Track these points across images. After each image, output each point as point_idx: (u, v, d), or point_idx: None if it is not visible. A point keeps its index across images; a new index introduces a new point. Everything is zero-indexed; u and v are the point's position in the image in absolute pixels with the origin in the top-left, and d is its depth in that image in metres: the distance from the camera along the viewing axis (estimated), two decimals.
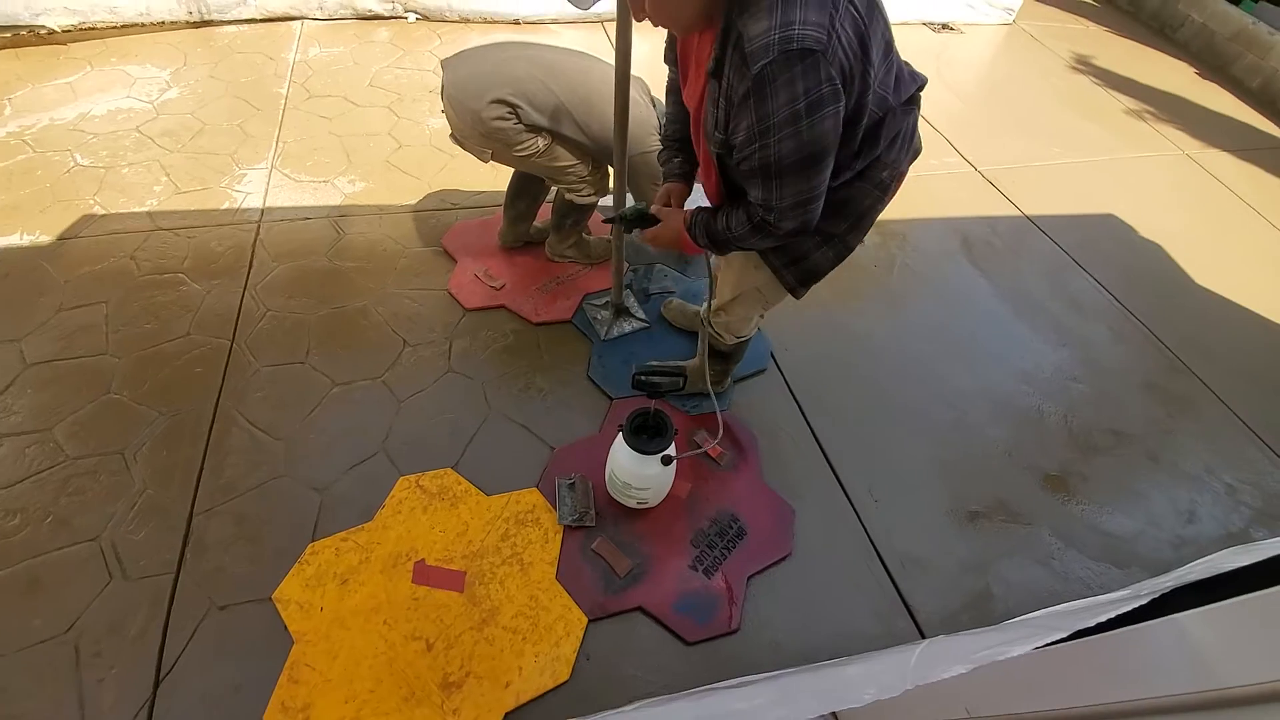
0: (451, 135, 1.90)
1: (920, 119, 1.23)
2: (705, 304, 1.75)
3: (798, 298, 1.46)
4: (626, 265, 2.27)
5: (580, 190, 1.96)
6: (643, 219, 1.43)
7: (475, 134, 1.78)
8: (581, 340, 2.09)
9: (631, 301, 2.18)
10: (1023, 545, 1.78)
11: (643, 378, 1.47)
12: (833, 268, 1.37)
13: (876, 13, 1.00)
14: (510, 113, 1.74)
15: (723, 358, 1.80)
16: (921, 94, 1.23)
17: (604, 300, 2.17)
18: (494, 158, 1.86)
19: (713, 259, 1.65)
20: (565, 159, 1.86)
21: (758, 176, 1.02)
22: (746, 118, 0.95)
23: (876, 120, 1.11)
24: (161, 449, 1.70)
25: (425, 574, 1.52)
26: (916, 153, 1.28)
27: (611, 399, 1.93)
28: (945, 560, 1.72)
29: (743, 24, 0.90)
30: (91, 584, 1.45)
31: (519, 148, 1.79)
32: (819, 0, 0.87)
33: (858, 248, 1.38)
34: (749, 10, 0.89)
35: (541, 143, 1.81)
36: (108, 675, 1.33)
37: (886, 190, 1.25)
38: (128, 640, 1.38)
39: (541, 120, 1.77)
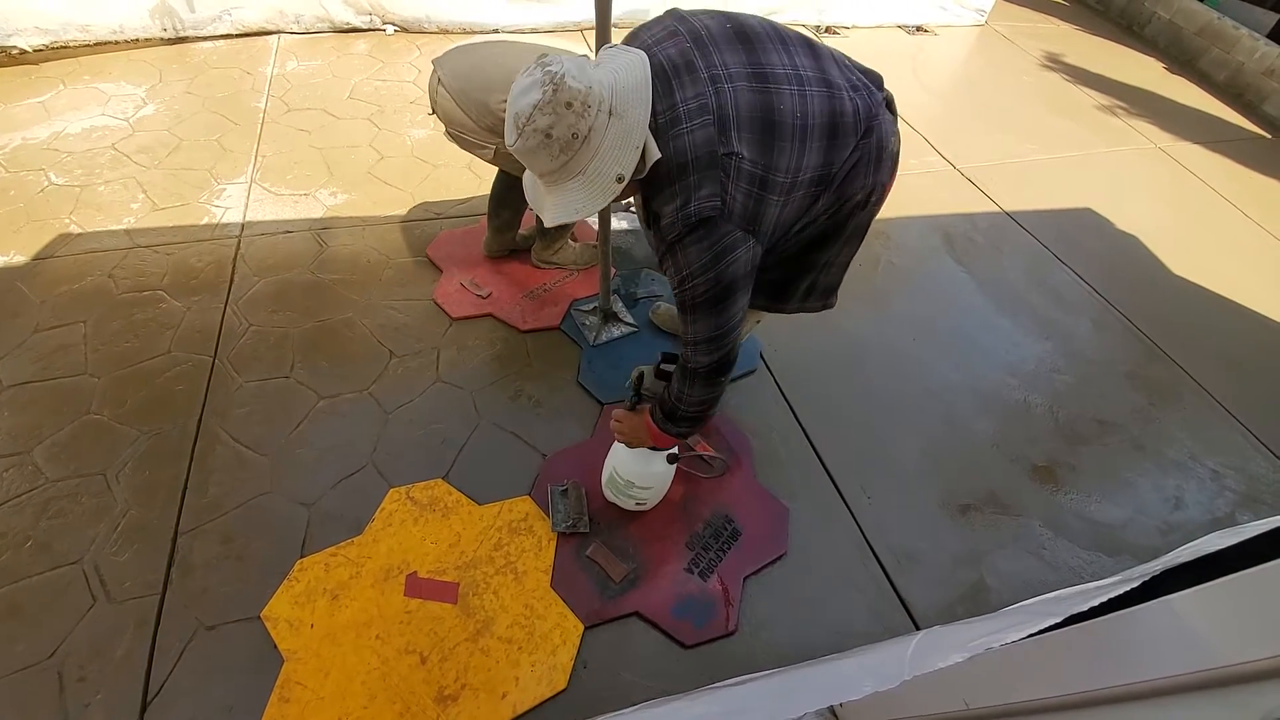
0: (448, 133, 1.83)
1: (897, 123, 1.23)
2: None
3: (787, 311, 1.53)
4: (614, 270, 2.27)
5: None
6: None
7: (480, 128, 1.73)
8: (570, 346, 2.09)
9: (619, 306, 2.18)
10: (1014, 536, 1.79)
11: (641, 389, 1.46)
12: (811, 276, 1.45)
13: (780, 141, 1.05)
14: None
15: None
16: (888, 93, 1.22)
17: (592, 306, 2.17)
18: (496, 154, 1.80)
19: None
20: None
21: (681, 312, 1.16)
22: (667, 265, 1.11)
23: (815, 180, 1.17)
24: (144, 468, 1.66)
25: (418, 586, 1.50)
26: (893, 161, 1.25)
27: (602, 404, 1.92)
28: (939, 554, 1.72)
29: (656, 205, 1.07)
30: (75, 607, 1.42)
31: None
32: (711, 176, 1.00)
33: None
34: (659, 194, 1.05)
35: None
36: (94, 700, 1.30)
37: (863, 207, 1.26)
38: (113, 664, 1.35)
39: None
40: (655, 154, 1.00)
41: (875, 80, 1.21)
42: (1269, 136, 4.02)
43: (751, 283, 1.13)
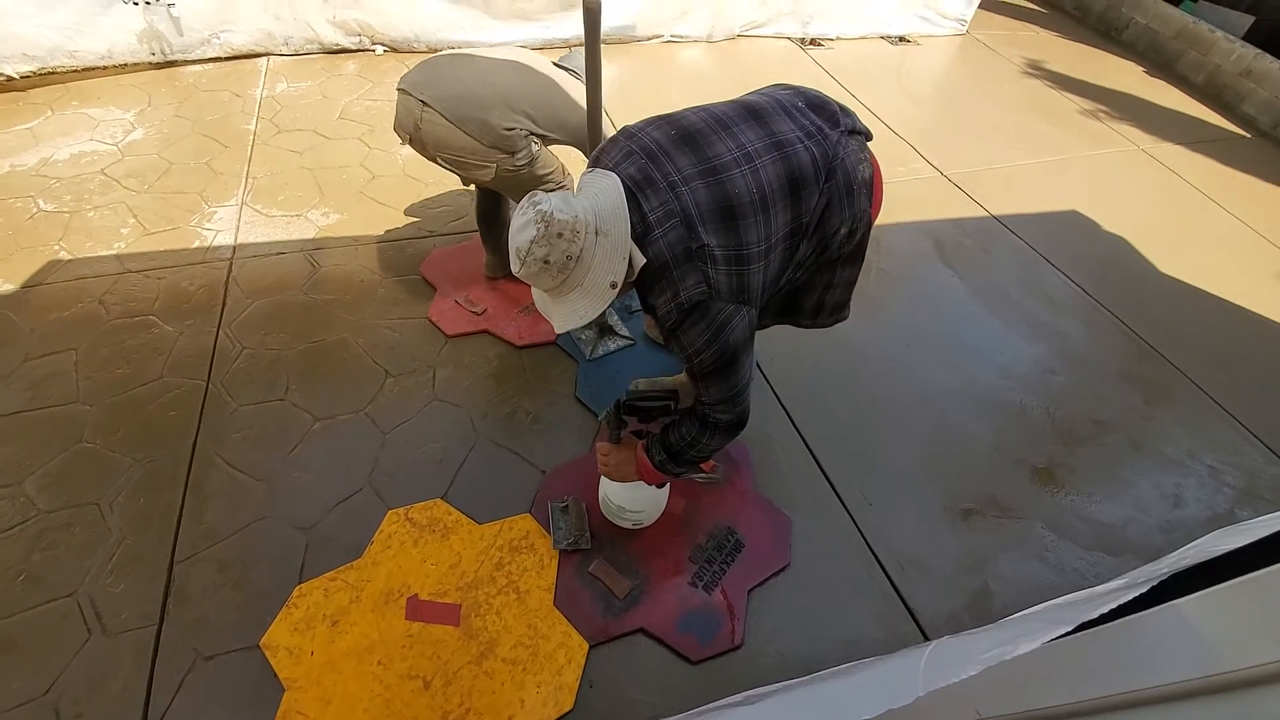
0: (440, 159, 1.81)
1: (883, 130, 1.27)
2: None
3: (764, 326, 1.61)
4: None
5: None
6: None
7: (483, 147, 1.73)
8: (567, 361, 2.08)
9: (615, 319, 2.18)
10: (1017, 540, 1.79)
11: (631, 404, 1.46)
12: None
13: (744, 221, 1.14)
14: (516, 119, 1.74)
15: None
16: (850, 121, 1.28)
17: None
18: (497, 172, 1.79)
19: None
20: (550, 164, 1.88)
21: (693, 378, 1.25)
22: (674, 346, 1.21)
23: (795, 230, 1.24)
24: (138, 497, 1.64)
25: (419, 609, 1.48)
26: (867, 190, 1.28)
27: (600, 419, 1.91)
28: (943, 560, 1.72)
29: (651, 299, 1.17)
30: (70, 641, 1.39)
31: (519, 155, 1.78)
32: (692, 268, 1.11)
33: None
34: (651, 290, 1.16)
35: (535, 148, 1.81)
36: None
37: (849, 240, 1.33)
38: (111, 698, 1.32)
39: (537, 126, 1.79)
40: (641, 259, 1.11)
41: (831, 116, 1.26)
42: (1248, 136, 4.09)
43: (753, 342, 1.23)
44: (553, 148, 1.92)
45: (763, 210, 1.16)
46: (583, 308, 1.13)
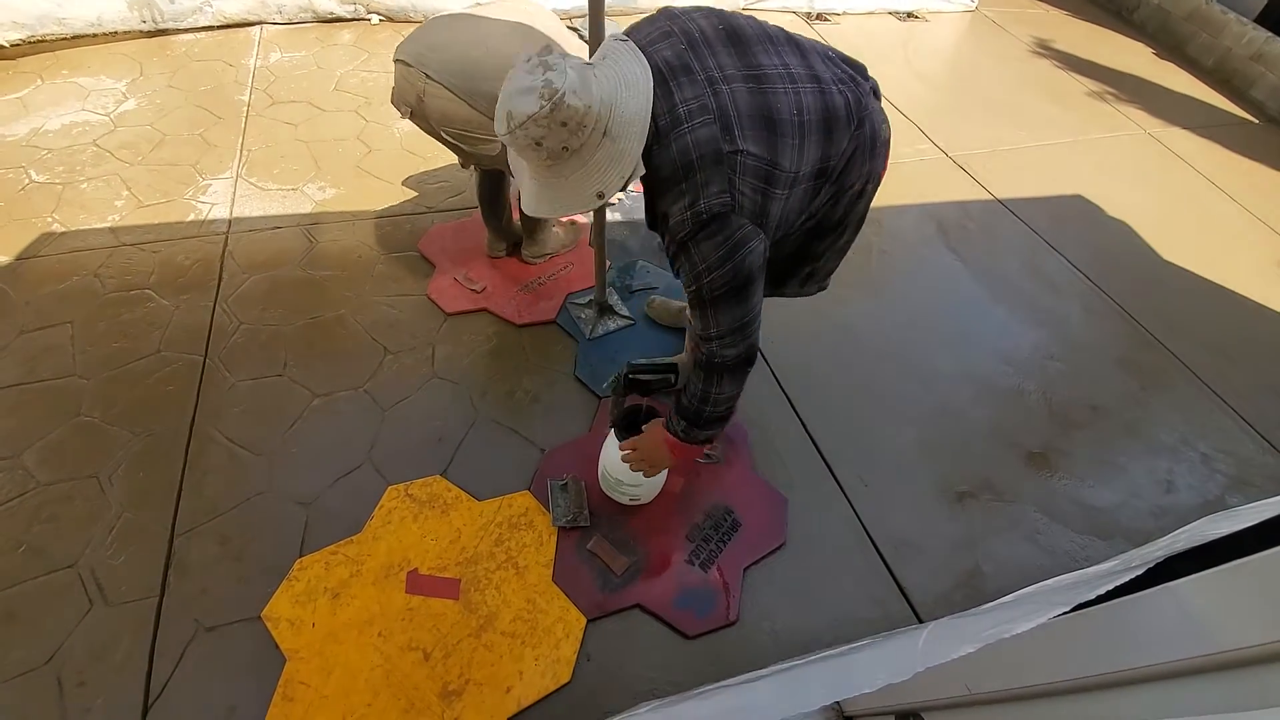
0: (442, 134, 1.72)
1: (888, 108, 1.25)
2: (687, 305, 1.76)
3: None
4: (609, 262, 2.26)
5: None
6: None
7: (490, 121, 1.62)
8: (567, 340, 2.08)
9: (615, 299, 2.17)
10: (1010, 522, 1.81)
11: (633, 376, 1.46)
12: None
13: (783, 138, 1.05)
14: None
15: None
16: (874, 81, 1.23)
17: (587, 299, 2.16)
18: (503, 149, 1.69)
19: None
20: None
21: (697, 308, 1.13)
22: (679, 264, 1.10)
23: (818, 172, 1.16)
24: (138, 470, 1.65)
25: (419, 583, 1.50)
26: (885, 142, 1.26)
27: (600, 398, 1.92)
28: (936, 541, 1.74)
29: (663, 205, 1.06)
30: (72, 612, 1.40)
31: None
32: (717, 171, 0.99)
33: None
34: (665, 195, 1.04)
35: None
36: (94, 705, 1.29)
37: (861, 196, 1.27)
38: (113, 667, 1.34)
39: None
40: (641, 171, 1.02)
41: (859, 70, 1.22)
42: (1256, 121, 4.05)
43: (764, 273, 1.12)
44: None
45: (800, 135, 1.07)
46: (556, 201, 1.02)
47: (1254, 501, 1.72)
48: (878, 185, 1.29)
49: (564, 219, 2.40)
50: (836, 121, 1.12)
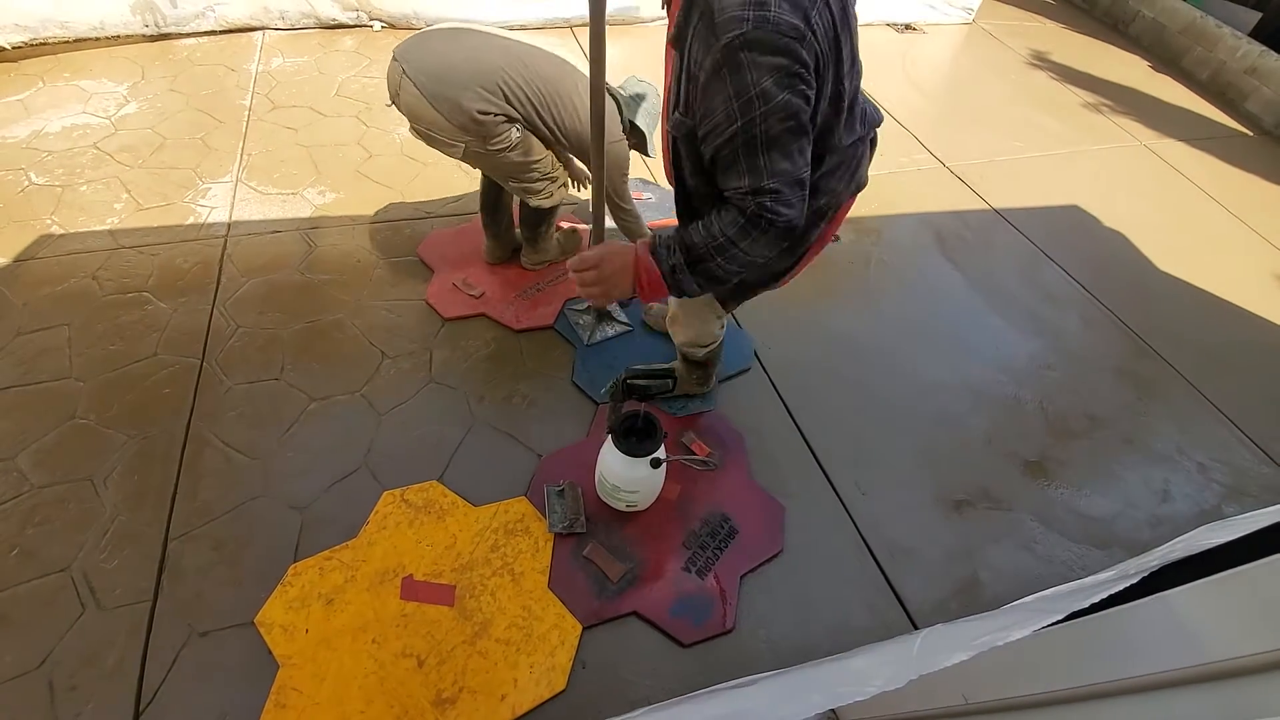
0: (414, 129, 1.80)
1: (887, 119, 1.26)
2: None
3: (727, 310, 1.58)
4: None
5: (541, 191, 1.93)
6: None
7: (451, 126, 1.70)
8: (564, 346, 2.08)
9: (613, 306, 2.17)
10: (1007, 531, 1.81)
11: (631, 382, 1.46)
12: (763, 288, 1.45)
13: (850, 28, 0.98)
14: (492, 103, 1.69)
15: (700, 365, 1.80)
16: (876, 131, 1.24)
17: (585, 305, 2.16)
18: (465, 153, 1.78)
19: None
20: (536, 152, 1.83)
21: (742, 159, 0.90)
22: (721, 92, 0.86)
23: (826, 131, 1.04)
24: (132, 473, 1.64)
25: (414, 589, 1.49)
26: (860, 186, 1.26)
27: (597, 404, 1.92)
28: (933, 549, 1.74)
29: None
30: (64, 616, 1.39)
31: (495, 140, 1.73)
32: None
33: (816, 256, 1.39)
34: None
35: (515, 135, 1.76)
36: (85, 709, 1.27)
37: (823, 218, 1.24)
38: (105, 672, 1.33)
39: (518, 111, 1.73)
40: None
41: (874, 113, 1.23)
42: (1251, 134, 4.08)
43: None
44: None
45: (852, 74, 0.98)
46: None
47: (1250, 511, 1.72)
48: (832, 224, 1.28)
49: (563, 224, 2.41)
50: (865, 111, 1.12)
